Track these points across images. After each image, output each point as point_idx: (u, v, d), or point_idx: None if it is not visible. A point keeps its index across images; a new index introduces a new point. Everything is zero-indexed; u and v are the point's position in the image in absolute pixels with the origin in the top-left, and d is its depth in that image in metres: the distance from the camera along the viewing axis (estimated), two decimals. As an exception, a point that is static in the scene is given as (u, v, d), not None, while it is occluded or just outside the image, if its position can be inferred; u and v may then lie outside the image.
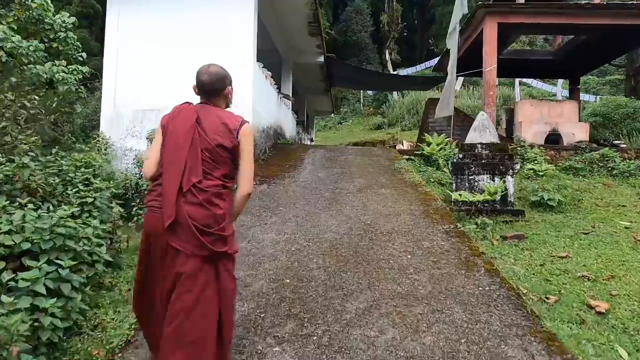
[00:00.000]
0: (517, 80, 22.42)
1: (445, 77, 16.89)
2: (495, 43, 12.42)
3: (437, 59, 29.73)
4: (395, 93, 28.11)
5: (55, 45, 11.81)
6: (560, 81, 23.01)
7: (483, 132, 6.90)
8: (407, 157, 9.99)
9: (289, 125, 12.90)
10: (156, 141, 2.36)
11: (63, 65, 7.60)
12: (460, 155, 6.78)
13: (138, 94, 8.46)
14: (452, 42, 9.79)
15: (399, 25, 37.99)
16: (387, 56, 32.20)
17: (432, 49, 32.00)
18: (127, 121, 8.52)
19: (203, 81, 2.35)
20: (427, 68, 30.18)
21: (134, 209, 6.65)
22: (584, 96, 21.84)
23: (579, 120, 14.17)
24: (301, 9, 10.20)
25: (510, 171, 6.53)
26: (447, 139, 10.14)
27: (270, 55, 12.67)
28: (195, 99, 2.46)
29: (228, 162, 2.31)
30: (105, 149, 8.15)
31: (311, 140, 20.35)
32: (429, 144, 10.01)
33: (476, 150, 6.80)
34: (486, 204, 6.28)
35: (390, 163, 9.00)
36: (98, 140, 8.12)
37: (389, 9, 38.21)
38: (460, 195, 6.23)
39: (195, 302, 2.10)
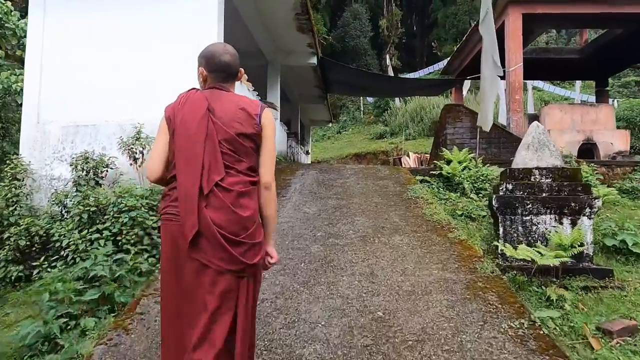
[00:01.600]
0: (529, 83, 20.18)
1: (454, 81, 14.79)
2: (520, 37, 10.25)
3: (440, 63, 27.77)
4: (397, 100, 25.97)
5: (18, 52, 9.82)
6: (578, 83, 20.79)
7: (540, 151, 4.68)
8: (422, 177, 7.81)
9: (276, 139, 10.70)
10: (160, 137, 1.94)
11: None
12: (509, 186, 4.57)
13: (69, 107, 6.30)
14: (487, 30, 7.54)
15: (398, 29, 36.00)
16: (388, 61, 30.12)
17: (435, 52, 29.87)
18: (54, 141, 6.34)
19: (227, 62, 1.95)
20: (429, 73, 28.09)
21: (36, 271, 4.58)
22: (593, 100, 19.67)
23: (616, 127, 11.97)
24: (285, -5, 8.07)
25: (587, 210, 4.31)
26: (471, 154, 7.93)
27: (252, 57, 10.55)
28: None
29: (252, 153, 1.90)
30: (23, 179, 5.98)
31: (307, 152, 18.17)
32: (448, 162, 7.80)
33: (532, 178, 4.59)
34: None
35: (402, 189, 6.79)
36: (14, 166, 5.93)
37: (388, 13, 36.27)
38: (515, 250, 4.00)
39: (244, 320, 1.78)
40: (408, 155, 16.61)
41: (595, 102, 15.15)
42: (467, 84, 22.33)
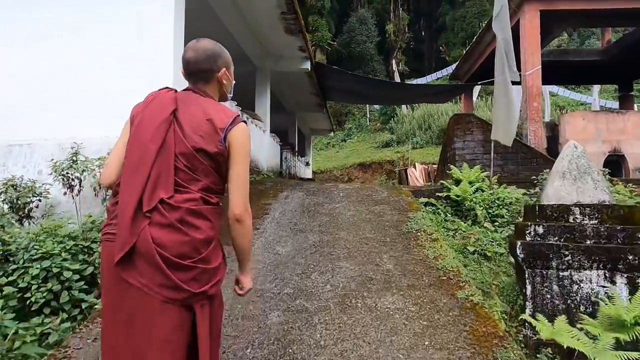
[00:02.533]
0: (545, 88, 18.78)
1: (463, 87, 13.53)
2: (538, 37, 9.00)
3: (448, 68, 26.45)
4: (404, 107, 24.72)
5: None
6: (596, 88, 19.35)
7: (581, 180, 3.45)
8: (426, 199, 6.59)
9: (263, 153, 9.56)
10: (120, 138, 1.68)
11: None
12: (539, 230, 3.34)
13: None
14: (502, 27, 6.29)
15: (405, 34, 34.95)
16: (394, 67, 28.92)
17: (443, 57, 28.59)
18: (-21, 164, 5.27)
19: (187, 59, 1.68)
20: (438, 79, 26.83)
21: None
22: (611, 105, 18.22)
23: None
24: (266, -8, 6.95)
25: (651, 266, 3.08)
26: (484, 173, 6.70)
27: (236, 63, 9.42)
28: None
29: (212, 173, 1.59)
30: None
31: (307, 164, 17.01)
32: (457, 182, 6.58)
33: (571, 219, 3.35)
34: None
35: (401, 217, 5.57)
36: None
37: (394, 17, 35.22)
38: (552, 327, 2.78)
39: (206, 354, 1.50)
40: (414, 167, 15.36)
41: (619, 108, 13.78)
42: (476, 89, 21.03)
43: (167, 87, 1.72)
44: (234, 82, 1.84)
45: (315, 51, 30.95)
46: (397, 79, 25.65)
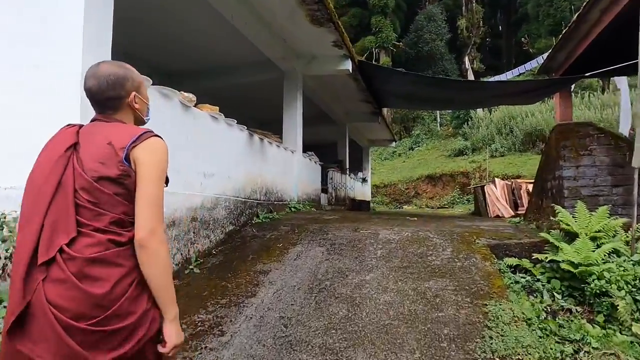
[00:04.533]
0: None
1: (562, 82, 10.27)
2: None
3: (532, 62, 22.51)
4: (480, 109, 21.34)
5: None
6: None
7: None
8: (516, 261, 4.03)
9: (291, 180, 7.39)
10: None
11: None
12: None
13: None
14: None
15: (480, 29, 31.13)
16: (467, 65, 25.54)
17: (526, 50, 24.59)
18: None
19: (89, 88, 1.42)
20: (519, 75, 22.98)
21: None
22: None
23: None
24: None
25: None
26: (618, 220, 3.96)
27: (256, 70, 7.52)
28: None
29: (120, 202, 1.31)
30: None
31: (363, 180, 14.58)
32: (569, 235, 3.92)
33: None
34: None
35: (474, 314, 3.10)
36: None
37: (467, 12, 31.57)
38: None
39: None
40: (494, 183, 12.34)
41: None
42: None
43: (69, 124, 1.46)
44: (148, 103, 1.55)
45: (379, 53, 28.47)
46: (472, 78, 22.32)
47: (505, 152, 18.22)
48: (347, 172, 11.83)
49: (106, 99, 1.41)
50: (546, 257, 3.88)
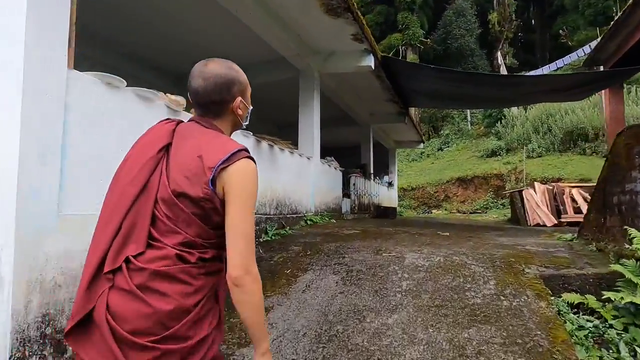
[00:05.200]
0: None
1: (622, 73, 9.06)
2: None
3: (572, 55, 20.94)
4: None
5: None
6: None
7: None
8: (577, 297, 3.16)
9: (307, 189, 6.64)
10: None
11: None
12: None
13: None
14: None
15: (512, 22, 29.53)
16: (500, 60, 24.15)
17: (564, 43, 22.98)
18: None
19: (195, 89, 1.31)
20: (557, 69, 21.48)
21: None
22: None
23: None
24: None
25: None
26: None
27: (270, 70, 6.87)
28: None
29: (195, 223, 1.21)
30: None
31: (389, 185, 13.69)
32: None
33: None
34: None
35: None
36: None
37: (498, 5, 30.02)
38: None
39: None
40: (533, 187, 11.24)
41: None
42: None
43: (168, 119, 1.39)
44: (250, 107, 1.41)
45: (406, 51, 27.42)
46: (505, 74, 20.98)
47: (543, 152, 16.89)
48: (372, 177, 10.99)
49: (211, 102, 1.31)
50: (621, 298, 2.99)
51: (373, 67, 6.88)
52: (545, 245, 4.88)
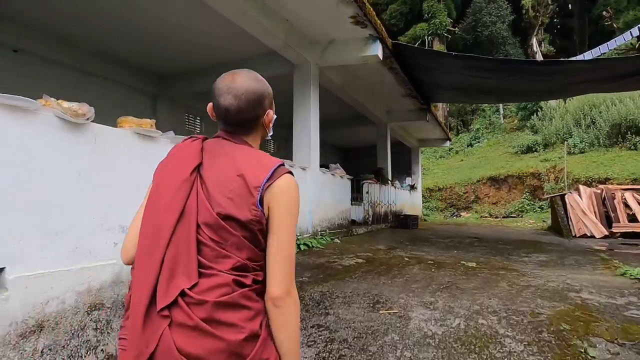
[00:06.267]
0: None
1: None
2: None
3: (617, 39, 18.74)
4: (551, 97, 18.11)
5: None
6: None
7: None
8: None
9: (302, 205, 5.51)
10: (141, 206, 1.23)
11: None
12: None
13: None
14: None
15: (548, 7, 27.21)
16: (535, 47, 22.14)
17: (607, 26, 20.72)
18: None
19: (226, 108, 1.17)
20: (601, 54, 19.35)
21: None
22: None
23: None
24: None
25: None
26: None
27: (261, 65, 5.85)
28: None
29: (246, 246, 1.10)
30: None
31: (412, 188, 12.31)
32: None
33: None
34: None
35: None
36: None
37: (533, -11, 27.73)
38: None
39: None
40: (577, 190, 9.68)
41: None
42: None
43: (192, 136, 1.26)
44: (275, 117, 1.28)
45: (432, 41, 25.69)
46: (541, 62, 19.07)
47: (585, 148, 15.03)
48: (389, 182, 9.69)
49: (244, 120, 1.19)
50: None
51: (381, 57, 5.63)
52: (608, 290, 3.56)
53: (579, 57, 16.75)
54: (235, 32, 5.12)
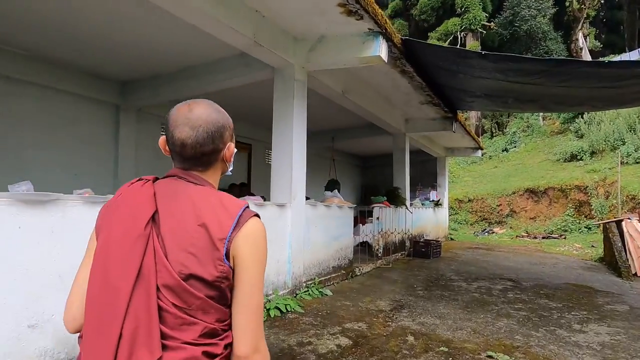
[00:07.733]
0: None
1: None
2: None
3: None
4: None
5: None
6: None
7: None
8: None
9: (279, 254, 4.18)
10: (84, 259, 1.02)
11: None
12: None
13: None
14: None
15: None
16: (581, 42, 19.78)
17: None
18: None
19: (182, 141, 1.01)
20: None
21: None
22: None
23: None
24: None
25: None
26: None
27: (237, 69, 4.58)
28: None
29: (213, 307, 0.96)
30: None
31: (437, 204, 10.73)
32: None
33: None
34: None
35: None
36: None
37: (578, -21, 25.17)
38: None
39: None
40: (638, 215, 7.88)
41: None
42: None
43: (141, 178, 1.06)
44: (235, 150, 1.11)
45: (465, 37, 23.70)
46: (587, 59, 16.92)
47: (641, 157, 12.93)
48: (407, 203, 8.21)
49: (201, 154, 1.03)
50: None
51: (386, 59, 4.22)
52: None
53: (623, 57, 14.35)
54: (198, 32, 3.87)
